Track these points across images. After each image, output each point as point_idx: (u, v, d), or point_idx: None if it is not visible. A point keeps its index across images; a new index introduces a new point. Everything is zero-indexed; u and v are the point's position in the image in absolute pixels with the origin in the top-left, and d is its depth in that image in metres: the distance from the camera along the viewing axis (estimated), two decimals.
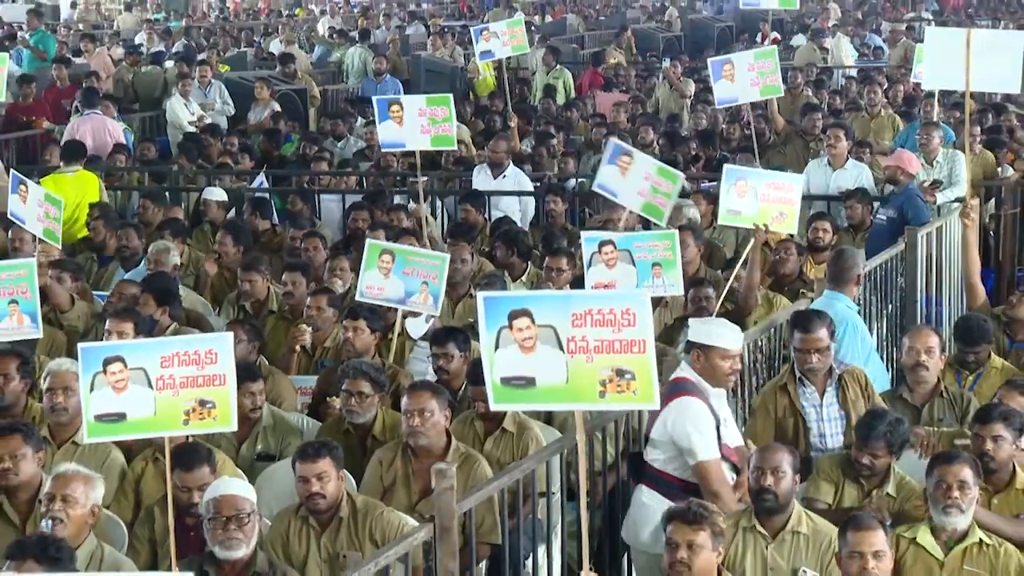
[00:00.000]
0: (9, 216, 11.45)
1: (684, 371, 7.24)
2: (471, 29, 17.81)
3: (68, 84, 19.35)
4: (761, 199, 9.95)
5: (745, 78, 13.00)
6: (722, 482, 7.04)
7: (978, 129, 14.68)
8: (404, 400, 7.63)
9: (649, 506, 7.07)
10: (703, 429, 7.00)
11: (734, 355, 7.34)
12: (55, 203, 10.86)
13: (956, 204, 11.61)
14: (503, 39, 15.62)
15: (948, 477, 6.60)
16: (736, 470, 7.24)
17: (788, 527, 6.83)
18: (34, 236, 10.71)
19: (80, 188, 13.46)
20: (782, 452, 6.91)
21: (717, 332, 7.36)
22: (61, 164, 14.05)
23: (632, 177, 10.59)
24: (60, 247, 11.14)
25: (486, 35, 15.83)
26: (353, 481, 7.63)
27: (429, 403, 7.51)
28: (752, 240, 9.88)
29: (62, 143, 16.39)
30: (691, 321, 7.75)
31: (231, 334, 7.12)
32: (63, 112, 18.13)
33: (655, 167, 10.80)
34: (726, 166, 10.75)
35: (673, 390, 7.04)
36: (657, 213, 10.65)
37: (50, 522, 6.57)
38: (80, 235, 12.75)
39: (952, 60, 9.89)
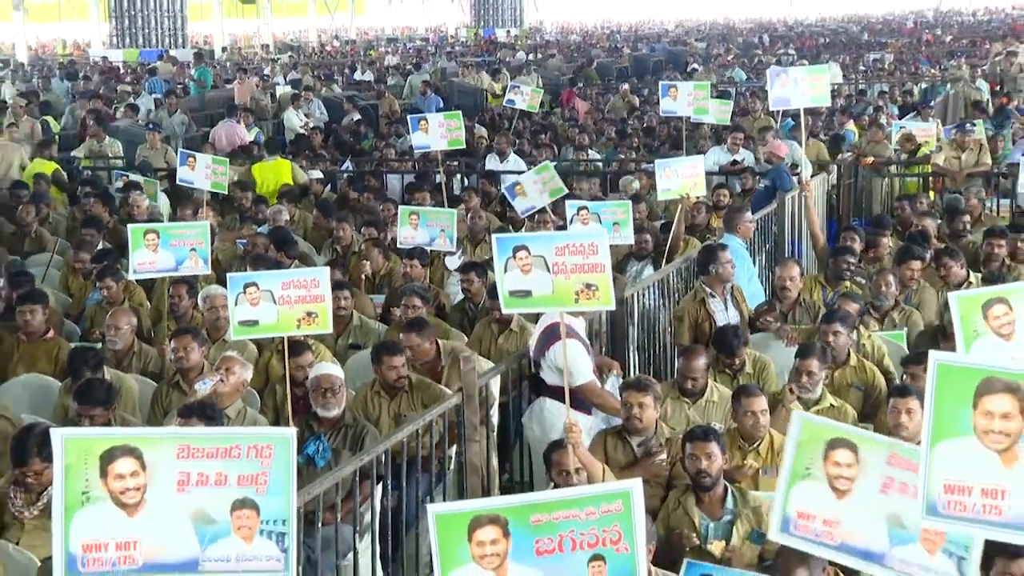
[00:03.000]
0: (179, 182, 11.43)
1: (567, 317, 6.51)
2: (509, 82, 17.80)
3: (108, 111, 19.05)
4: (681, 177, 9.91)
5: (684, 99, 13.02)
6: (596, 394, 6.78)
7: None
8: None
9: (552, 412, 6.82)
10: (578, 360, 6.66)
11: None
12: (221, 163, 10.91)
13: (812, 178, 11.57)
14: (525, 97, 15.64)
15: (802, 368, 6.60)
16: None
17: (704, 396, 6.81)
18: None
19: (277, 171, 13.45)
20: (697, 359, 6.85)
21: None
22: (265, 154, 14.11)
23: (529, 190, 10.59)
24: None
25: (515, 91, 15.84)
26: None
27: None
28: (680, 205, 9.80)
29: (210, 138, 16.46)
30: None
31: (328, 268, 7.14)
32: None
33: (533, 172, 10.85)
34: (657, 160, 10.66)
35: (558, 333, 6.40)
36: (559, 191, 10.70)
37: (206, 383, 6.55)
38: (273, 202, 12.67)
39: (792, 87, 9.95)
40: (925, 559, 3.32)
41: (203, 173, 10.60)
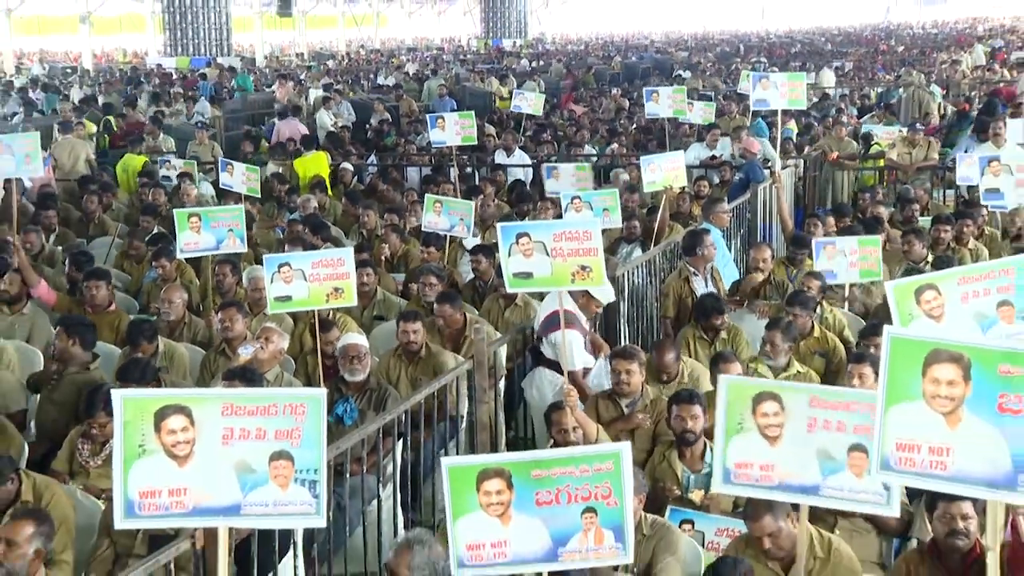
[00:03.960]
0: (221, 186, 11.33)
1: (569, 306, 6.56)
2: (514, 90, 17.46)
3: (136, 120, 18.58)
4: (664, 170, 9.83)
5: (665, 103, 12.81)
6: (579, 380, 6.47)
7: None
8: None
9: (550, 380, 6.76)
10: (575, 350, 6.52)
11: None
12: (253, 170, 10.78)
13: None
14: (530, 102, 15.23)
15: (768, 338, 6.61)
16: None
17: (677, 378, 6.65)
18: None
19: (315, 163, 13.42)
20: (667, 354, 6.65)
21: (609, 294, 7.09)
22: (302, 149, 14.01)
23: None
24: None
25: (521, 98, 15.43)
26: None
27: None
28: (664, 195, 9.75)
29: (272, 136, 16.42)
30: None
31: (351, 249, 7.12)
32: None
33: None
34: (642, 157, 10.54)
35: (567, 320, 6.18)
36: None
37: (247, 348, 6.55)
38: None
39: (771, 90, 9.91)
40: (854, 483, 3.36)
41: (240, 179, 10.52)
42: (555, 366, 6.60)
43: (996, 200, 8.75)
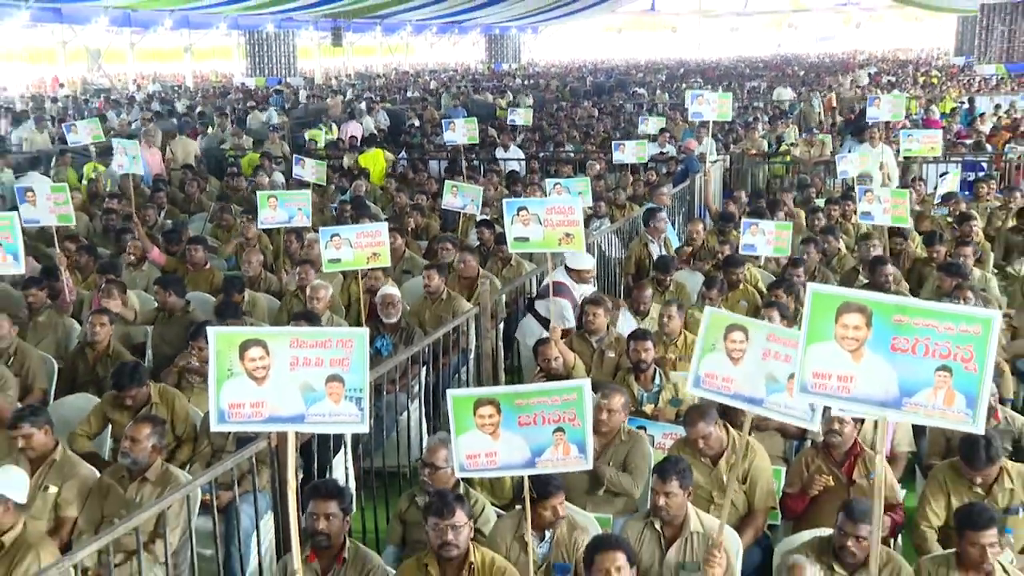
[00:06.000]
0: (295, 176, 10.95)
1: (562, 278, 6.41)
2: (508, 108, 16.88)
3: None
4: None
5: (630, 151, 11.36)
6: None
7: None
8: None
9: (535, 329, 6.55)
10: (566, 313, 6.34)
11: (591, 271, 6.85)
12: (321, 165, 10.28)
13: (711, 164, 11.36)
14: (521, 115, 14.60)
15: (704, 293, 6.49)
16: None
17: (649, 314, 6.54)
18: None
19: (375, 157, 13.19)
20: (645, 291, 6.54)
21: (589, 262, 6.90)
22: (365, 147, 13.62)
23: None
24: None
25: (515, 113, 14.76)
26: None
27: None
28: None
29: (342, 135, 16.13)
30: (571, 257, 6.70)
31: (386, 223, 6.99)
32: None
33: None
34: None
35: (558, 290, 6.12)
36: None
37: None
38: (379, 182, 12.23)
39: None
40: (789, 401, 3.31)
41: (310, 171, 10.31)
42: (542, 321, 6.56)
43: (868, 221, 8.17)
